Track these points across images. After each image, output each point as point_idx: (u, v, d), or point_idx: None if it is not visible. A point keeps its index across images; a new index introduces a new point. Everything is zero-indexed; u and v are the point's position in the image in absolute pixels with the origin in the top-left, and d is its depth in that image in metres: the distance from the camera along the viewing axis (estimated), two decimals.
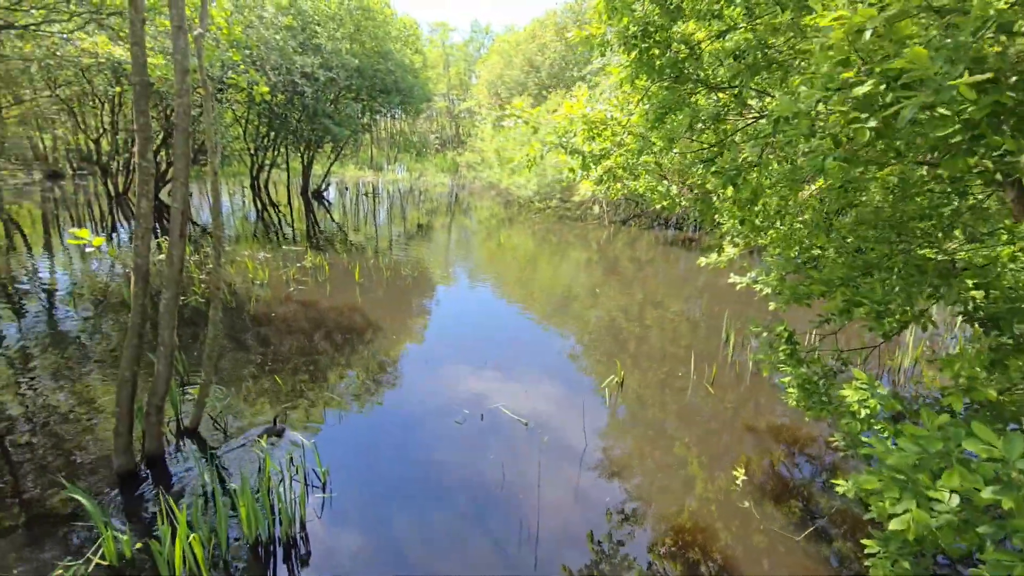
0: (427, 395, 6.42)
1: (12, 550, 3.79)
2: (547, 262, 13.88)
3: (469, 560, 3.99)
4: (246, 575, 3.79)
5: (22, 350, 6.91)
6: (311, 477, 4.75)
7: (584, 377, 7.17)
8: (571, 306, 10.09)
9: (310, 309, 8.95)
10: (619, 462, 5.30)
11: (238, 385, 6.30)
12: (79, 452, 4.90)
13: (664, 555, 4.14)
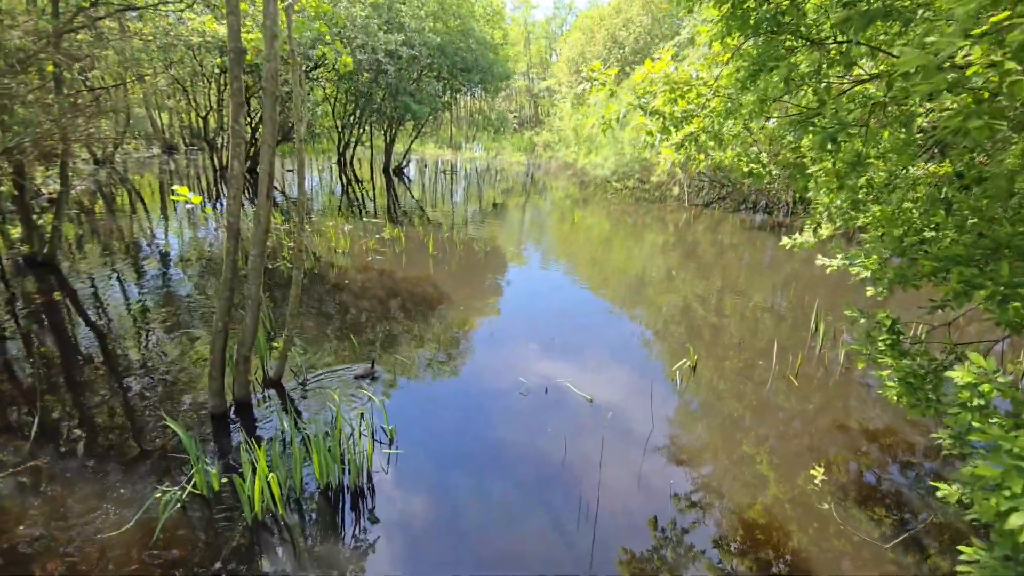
0: (493, 367, 6.47)
1: (122, 473, 4.26)
2: (621, 244, 13.50)
3: (527, 531, 4.00)
4: (316, 516, 4.02)
5: (141, 305, 7.71)
6: (379, 434, 4.94)
7: (654, 361, 6.91)
8: (644, 291, 9.76)
9: (386, 278, 9.29)
10: (687, 449, 5.07)
11: (318, 344, 6.67)
12: (180, 395, 5.42)
13: (732, 551, 3.93)
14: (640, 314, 8.53)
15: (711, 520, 4.20)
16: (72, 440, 4.65)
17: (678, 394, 6.03)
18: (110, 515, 3.84)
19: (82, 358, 6.12)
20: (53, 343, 6.45)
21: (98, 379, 5.69)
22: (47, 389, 5.38)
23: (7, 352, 6.14)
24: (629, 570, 3.73)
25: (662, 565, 3.77)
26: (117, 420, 4.98)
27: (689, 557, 3.85)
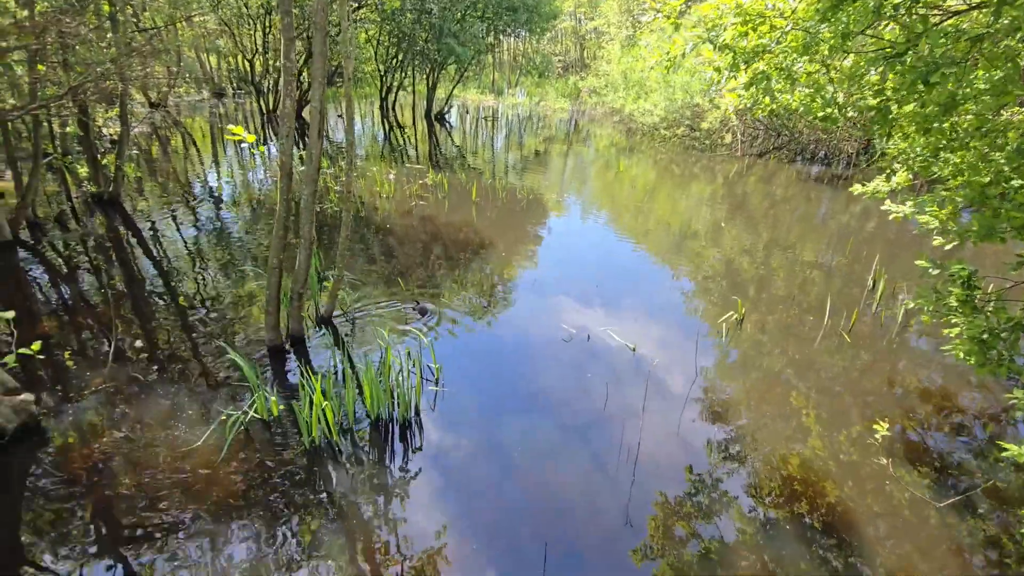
0: (535, 313, 6.51)
1: (190, 397, 4.59)
2: (667, 195, 13.05)
3: (568, 469, 4.11)
4: (367, 445, 4.25)
5: (198, 245, 8.06)
6: (426, 372, 5.11)
7: (698, 314, 6.79)
8: (689, 243, 9.47)
9: (429, 223, 9.34)
10: (730, 401, 5.03)
11: (365, 285, 6.85)
12: (238, 328, 5.71)
13: (768, 501, 3.94)
14: (684, 267, 8.33)
15: (749, 470, 4.21)
16: (144, 365, 5.00)
17: (723, 347, 5.94)
18: (182, 433, 4.17)
19: (147, 292, 6.50)
20: (121, 277, 6.85)
21: (163, 312, 6.05)
22: (118, 319, 5.77)
23: (81, 284, 6.58)
24: (663, 511, 3.81)
25: (695, 510, 3.83)
26: (182, 349, 5.32)
27: (722, 504, 3.90)
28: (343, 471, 3.94)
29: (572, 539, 3.51)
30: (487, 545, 3.42)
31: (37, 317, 5.68)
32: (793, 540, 3.60)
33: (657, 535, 3.60)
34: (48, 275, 6.73)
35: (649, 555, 3.46)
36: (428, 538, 3.45)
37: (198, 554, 3.24)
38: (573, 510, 3.74)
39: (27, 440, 3.95)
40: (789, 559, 3.45)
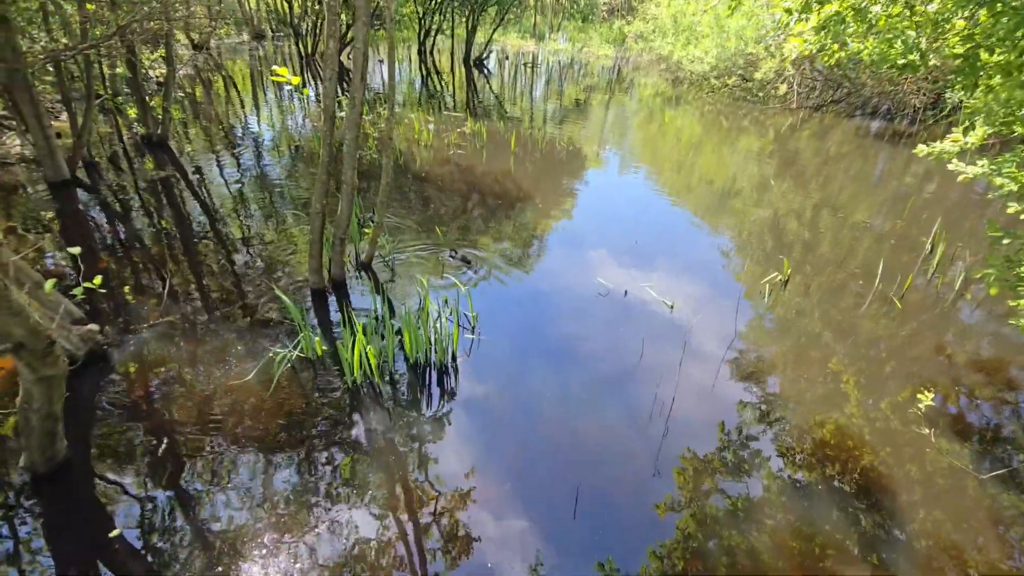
0: (571, 266, 6.47)
1: (239, 338, 4.80)
2: (712, 150, 12.50)
3: (600, 419, 4.18)
4: (406, 387, 4.40)
5: (240, 190, 8.22)
6: (463, 320, 5.19)
7: (739, 274, 6.62)
8: (731, 201, 9.12)
9: (467, 173, 9.25)
10: (767, 362, 4.96)
11: (404, 232, 6.91)
12: (281, 271, 5.89)
13: (798, 462, 3.93)
14: (727, 225, 8.06)
15: (781, 432, 4.19)
16: (195, 303, 5.25)
17: (764, 308, 5.80)
18: (233, 367, 4.40)
19: (196, 233, 6.73)
20: (171, 218, 7.10)
21: (211, 253, 6.27)
22: (171, 258, 6.02)
23: (135, 224, 6.85)
24: (692, 465, 3.85)
25: (724, 467, 3.86)
26: (230, 289, 5.54)
27: (751, 462, 3.91)
28: (382, 411, 4.11)
29: (602, 486, 3.60)
30: (519, 486, 3.56)
31: (96, 254, 5.98)
32: (822, 500, 3.60)
33: (684, 488, 3.67)
34: (104, 214, 7.03)
35: (675, 507, 3.54)
36: (460, 477, 3.60)
37: (244, 479, 3.48)
38: (603, 458, 3.83)
39: (94, 367, 4.24)
40: (816, 518, 3.47)
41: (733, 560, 3.18)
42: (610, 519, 3.39)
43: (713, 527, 3.39)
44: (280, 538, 3.11)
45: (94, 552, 2.98)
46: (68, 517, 3.15)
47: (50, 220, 6.66)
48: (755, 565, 3.16)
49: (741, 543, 3.29)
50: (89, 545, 3.01)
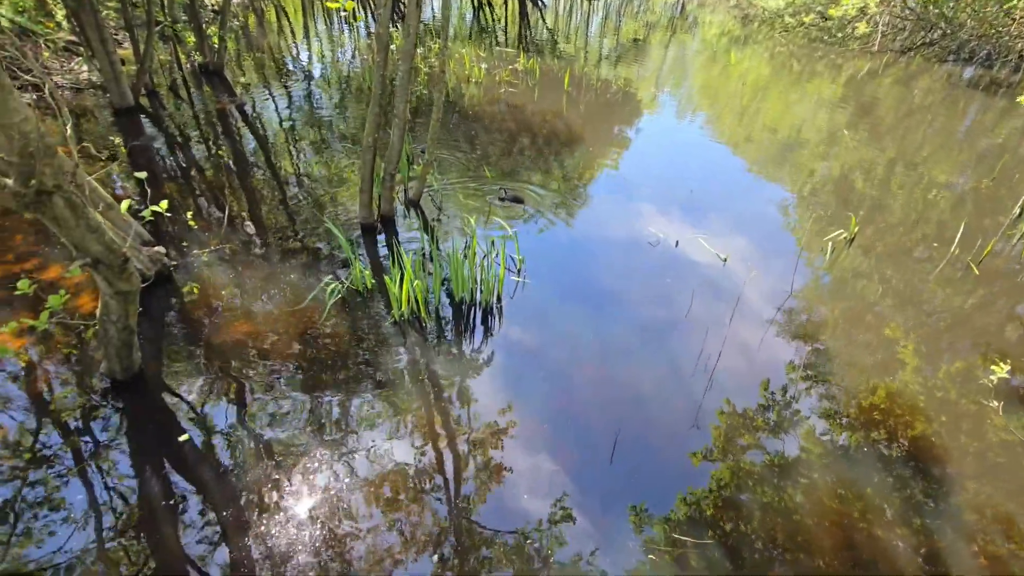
0: (621, 214, 6.29)
1: (292, 267, 4.96)
2: (779, 96, 11.63)
3: (642, 368, 4.16)
4: (450, 325, 4.49)
5: (292, 123, 8.27)
6: (509, 262, 5.18)
7: (798, 231, 6.28)
8: (796, 153, 8.53)
9: (517, 112, 8.98)
10: (822, 323, 4.77)
11: (452, 171, 6.85)
12: (332, 204, 5.98)
13: (843, 424, 3.83)
14: (789, 178, 7.59)
15: (828, 394, 4.07)
16: (252, 232, 5.42)
17: (825, 266, 5.53)
18: (287, 295, 4.58)
19: (251, 164, 6.87)
20: (228, 148, 7.25)
21: (266, 183, 6.41)
22: (228, 187, 6.20)
23: (195, 152, 7.04)
24: (731, 420, 3.82)
25: (763, 424, 3.81)
26: (284, 219, 5.68)
27: (792, 421, 3.84)
28: (426, 345, 4.22)
29: (640, 434, 3.64)
30: (557, 427, 3.63)
31: (159, 179, 6.21)
32: (864, 464, 3.53)
33: (721, 441, 3.66)
34: (166, 141, 7.25)
35: (710, 457, 3.54)
36: (498, 414, 3.70)
37: (295, 399, 3.68)
38: (644, 407, 3.84)
39: (161, 287, 4.50)
40: (857, 479, 3.42)
41: (765, 514, 3.19)
42: (647, 466, 3.44)
43: (747, 481, 3.39)
44: (324, 454, 3.31)
45: (165, 453, 3.27)
46: (143, 421, 3.45)
47: (117, 145, 6.92)
48: (787, 520, 3.16)
49: (774, 499, 3.29)
50: (161, 447, 3.30)
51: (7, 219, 5.15)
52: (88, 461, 3.16)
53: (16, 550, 2.70)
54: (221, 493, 3.06)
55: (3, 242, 4.88)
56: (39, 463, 3.11)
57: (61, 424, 3.36)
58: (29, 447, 3.20)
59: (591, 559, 2.90)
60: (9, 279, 4.38)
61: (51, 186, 2.34)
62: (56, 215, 2.46)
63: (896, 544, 3.07)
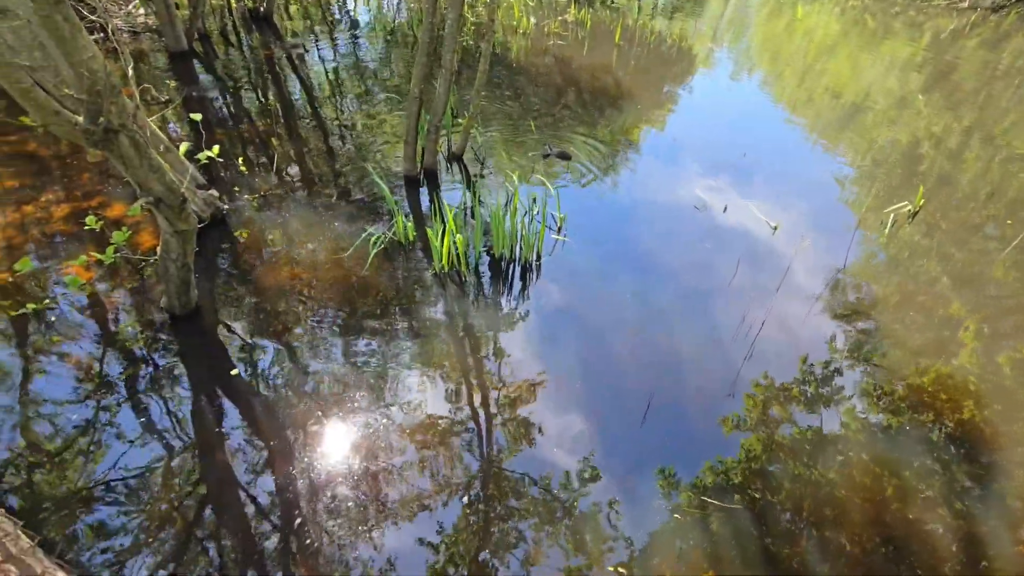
0: (668, 175, 6.10)
1: (337, 216, 5.05)
2: (848, 56, 10.82)
3: (680, 333, 4.12)
4: (488, 279, 4.52)
5: (336, 74, 8.23)
6: (549, 220, 5.14)
7: (858, 202, 5.96)
8: (860, 118, 7.98)
9: (565, 65, 8.69)
10: (875, 300, 4.58)
11: (496, 125, 6.74)
12: (376, 155, 6.00)
13: (884, 405, 3.72)
14: (852, 145, 7.15)
15: (872, 373, 3.94)
16: (299, 179, 5.53)
17: (883, 241, 5.26)
18: (331, 242, 4.69)
19: (299, 112, 6.93)
20: (277, 95, 7.32)
21: (313, 132, 6.47)
22: (277, 135, 6.29)
23: (245, 98, 7.14)
24: (767, 392, 3.77)
25: (800, 398, 3.74)
26: (330, 168, 5.76)
27: (829, 397, 3.75)
28: (464, 298, 4.28)
29: (674, 398, 3.64)
30: (590, 386, 3.66)
31: (212, 124, 6.36)
32: (906, 446, 3.44)
33: (755, 411, 3.62)
34: (218, 86, 7.36)
35: (742, 426, 3.52)
36: (533, 370, 3.75)
37: (336, 343, 3.82)
38: (679, 372, 3.83)
39: (215, 229, 4.67)
40: (896, 460, 3.35)
41: (795, 485, 3.18)
42: (679, 431, 3.45)
43: (778, 453, 3.37)
44: (363, 396, 3.45)
45: (217, 384, 3.48)
46: (198, 354, 3.66)
47: (172, 89, 7.09)
48: (816, 492, 3.15)
49: (804, 471, 3.26)
50: (214, 378, 3.51)
51: (75, 158, 5.40)
52: (149, 388, 3.40)
53: (91, 465, 2.97)
54: (266, 424, 3.26)
55: (71, 180, 5.13)
56: (107, 388, 3.37)
57: (125, 353, 3.61)
58: (98, 372, 3.46)
59: (614, 513, 2.98)
60: (78, 215, 4.63)
61: (117, 124, 2.43)
62: (122, 153, 2.56)
63: (932, 526, 3.02)
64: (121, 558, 2.58)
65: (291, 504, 2.87)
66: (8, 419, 3.15)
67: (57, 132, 2.36)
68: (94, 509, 2.76)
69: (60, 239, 4.46)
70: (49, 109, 2.19)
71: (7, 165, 5.26)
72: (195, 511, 2.81)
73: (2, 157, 5.36)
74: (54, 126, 2.26)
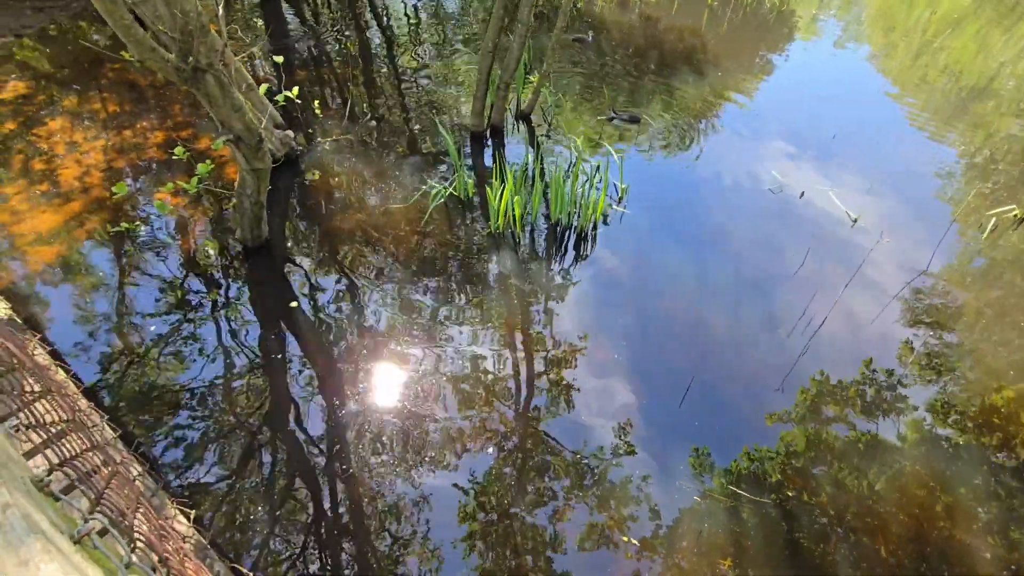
0: (743, 152, 5.75)
1: (402, 165, 5.15)
2: (974, 33, 9.57)
3: (736, 319, 3.99)
4: (542, 243, 4.51)
5: (418, 20, 8.18)
6: (611, 189, 5.02)
7: (956, 200, 5.41)
8: (980, 105, 7.12)
9: (650, 25, 8.22)
10: (957, 309, 4.22)
11: (568, 87, 6.55)
12: (445, 107, 6.01)
13: (952, 422, 3.47)
14: (963, 135, 6.43)
15: (942, 387, 3.68)
16: (369, 125, 5.64)
17: (979, 245, 4.79)
18: (394, 191, 4.81)
19: (375, 58, 7.00)
20: (356, 40, 7.40)
21: (386, 80, 6.54)
22: (352, 80, 6.40)
23: (325, 42, 7.28)
24: (822, 388, 3.61)
25: (858, 400, 3.56)
26: (400, 117, 5.83)
27: (892, 407, 3.54)
28: (517, 260, 4.30)
29: (718, 384, 3.56)
30: (632, 360, 3.64)
31: (293, 66, 6.55)
32: (967, 466, 3.23)
33: (804, 407, 3.49)
34: (302, 27, 7.52)
35: (785, 419, 3.42)
36: (574, 336, 3.76)
37: (392, 289, 3.97)
38: (728, 358, 3.73)
39: (288, 168, 4.89)
40: (954, 479, 3.15)
41: (837, 491, 3.07)
42: (716, 419, 3.39)
43: (824, 453, 3.25)
44: (412, 342, 3.60)
45: (279, 314, 3.73)
46: (266, 284, 3.93)
47: (259, 28, 7.32)
48: (860, 502, 3.03)
49: (850, 479, 3.14)
50: (279, 308, 3.76)
51: (168, 89, 5.75)
52: (218, 311, 3.70)
53: (168, 373, 3.31)
54: (320, 356, 3.48)
55: (164, 110, 5.49)
56: (183, 306, 3.70)
57: (200, 276, 3.93)
58: (176, 291, 3.79)
59: (642, 486, 3.01)
60: (170, 144, 4.97)
61: (205, 64, 2.56)
62: (208, 91, 2.71)
63: (981, 551, 2.86)
64: (189, 456, 2.90)
65: (336, 430, 3.09)
66: (103, 324, 3.54)
67: (152, 67, 2.52)
68: (168, 412, 3.10)
69: (153, 165, 4.83)
70: (146, 45, 2.34)
71: (112, 91, 5.68)
72: (254, 425, 3.09)
73: (108, 84, 5.79)
74: (150, 61, 2.42)
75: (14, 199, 4.37)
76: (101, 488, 1.42)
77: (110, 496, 1.39)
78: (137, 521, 1.41)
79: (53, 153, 4.82)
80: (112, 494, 1.42)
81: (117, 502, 1.40)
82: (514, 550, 2.73)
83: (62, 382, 2.31)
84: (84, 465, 1.46)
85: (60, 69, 5.93)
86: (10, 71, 5.85)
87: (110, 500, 1.38)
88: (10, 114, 5.24)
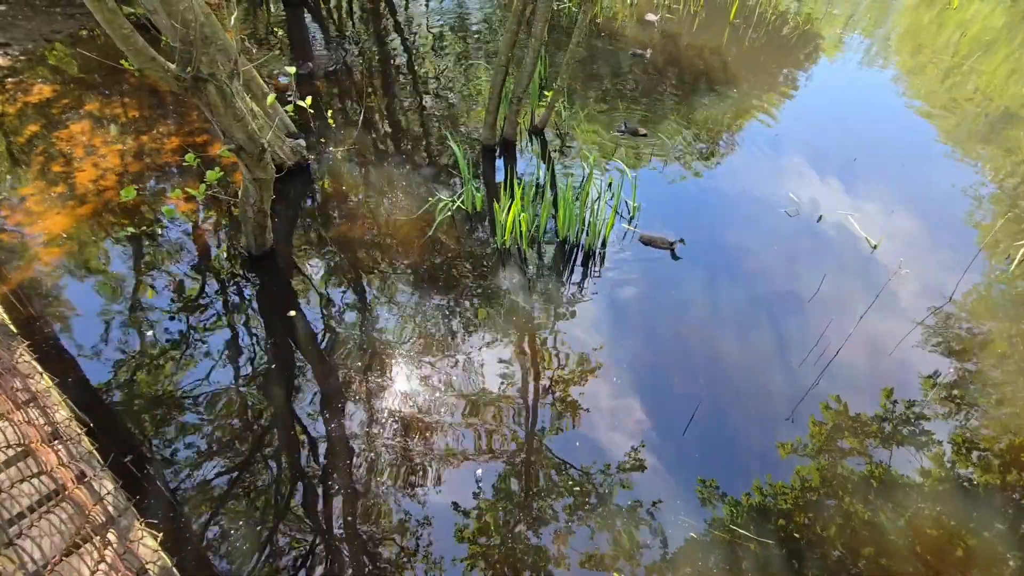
0: (761, 173, 5.61)
1: (411, 177, 5.12)
2: (1005, 55, 9.31)
3: (746, 345, 3.85)
4: (549, 260, 4.43)
5: (438, 30, 8.23)
6: (622, 207, 4.92)
7: (982, 227, 5.20)
8: (1009, 131, 6.87)
9: (670, 42, 8.15)
10: (980, 341, 4.02)
11: (583, 101, 6.49)
12: (458, 120, 5.99)
13: (974, 459, 3.29)
14: (991, 161, 6.20)
15: (963, 421, 3.50)
16: (381, 136, 5.65)
17: (1005, 276, 4.58)
18: (401, 202, 4.78)
19: (393, 68, 7.03)
20: (375, 50, 7.46)
21: (401, 91, 6.55)
22: (368, 89, 6.44)
23: (343, 50, 7.35)
24: (837, 420, 3.45)
25: (876, 433, 3.39)
26: (412, 129, 5.83)
27: (914, 441, 3.37)
28: (523, 277, 4.23)
29: (724, 411, 3.43)
30: (634, 383, 3.53)
31: (312, 76, 6.60)
32: (987, 506, 3.04)
33: (818, 438, 3.34)
34: (321, 36, 7.61)
35: (799, 451, 3.26)
36: (575, 358, 3.66)
37: (396, 300, 3.92)
38: (736, 384, 3.59)
39: (298, 176, 4.90)
40: (972, 519, 2.97)
41: (848, 527, 2.91)
42: (720, 450, 3.25)
43: (838, 487, 3.09)
44: (414, 353, 3.54)
45: (277, 321, 3.71)
46: (268, 292, 3.91)
47: (280, 36, 7.42)
48: (872, 537, 2.87)
49: (864, 513, 2.98)
50: (276, 316, 3.74)
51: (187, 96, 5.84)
52: (217, 316, 3.69)
53: (180, 374, 3.30)
54: (318, 365, 3.44)
55: (181, 116, 5.56)
56: (191, 310, 3.70)
57: (202, 281, 3.93)
58: (178, 294, 3.79)
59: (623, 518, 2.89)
60: (184, 150, 5.03)
61: (206, 74, 2.55)
62: (209, 101, 2.70)
63: None
64: (187, 459, 2.86)
65: (336, 439, 3.03)
66: (99, 329, 3.55)
67: (152, 76, 2.53)
68: (151, 423, 3.07)
69: (167, 170, 4.88)
70: (146, 55, 2.34)
71: (133, 96, 5.79)
72: (250, 429, 3.05)
73: (130, 89, 5.91)
74: (149, 70, 2.42)
75: (31, 200, 4.45)
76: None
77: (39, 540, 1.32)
78: (82, 550, 1.35)
79: (72, 156, 4.90)
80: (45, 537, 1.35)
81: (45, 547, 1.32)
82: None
83: (44, 391, 2.29)
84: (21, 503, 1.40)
85: (88, 74, 6.07)
86: (39, 75, 6.00)
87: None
88: (34, 116, 5.36)
